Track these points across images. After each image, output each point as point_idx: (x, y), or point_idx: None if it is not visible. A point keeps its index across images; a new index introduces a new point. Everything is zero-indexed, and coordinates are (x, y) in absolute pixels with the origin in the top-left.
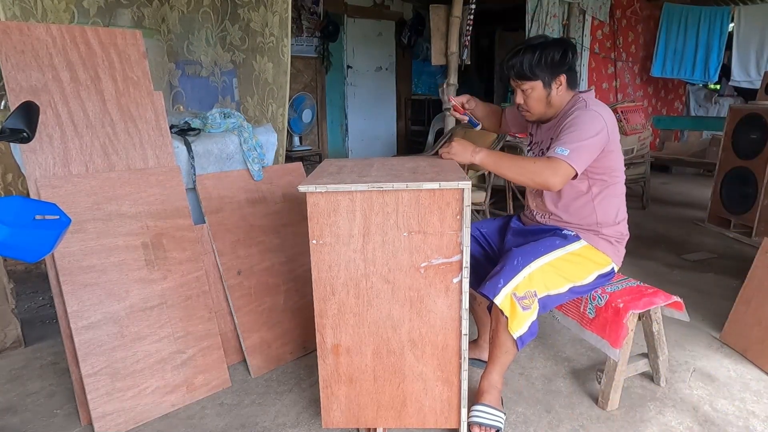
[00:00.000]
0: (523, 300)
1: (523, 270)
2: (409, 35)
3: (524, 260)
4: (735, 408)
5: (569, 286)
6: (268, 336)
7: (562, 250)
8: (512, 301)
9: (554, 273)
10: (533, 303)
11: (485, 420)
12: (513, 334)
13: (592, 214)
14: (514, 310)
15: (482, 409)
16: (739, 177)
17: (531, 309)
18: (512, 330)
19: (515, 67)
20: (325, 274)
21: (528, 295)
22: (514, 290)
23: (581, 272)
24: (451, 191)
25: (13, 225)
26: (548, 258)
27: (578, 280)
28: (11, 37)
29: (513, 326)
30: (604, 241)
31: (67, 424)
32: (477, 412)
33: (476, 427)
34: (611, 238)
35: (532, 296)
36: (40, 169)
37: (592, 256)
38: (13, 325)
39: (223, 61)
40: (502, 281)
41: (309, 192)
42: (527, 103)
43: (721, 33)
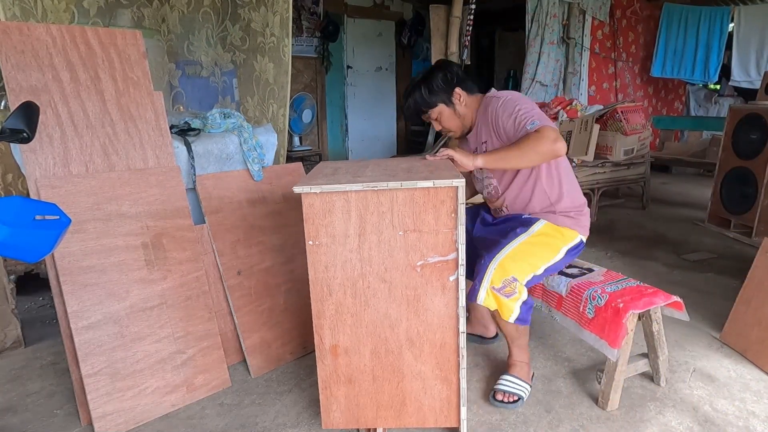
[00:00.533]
0: (504, 289)
1: (491, 264)
2: (409, 35)
3: (489, 256)
4: (735, 408)
5: (543, 266)
6: (268, 336)
7: (524, 235)
8: (493, 294)
9: (524, 257)
10: (516, 287)
11: (509, 388)
12: (508, 320)
13: (543, 196)
14: (498, 301)
15: (509, 378)
16: (739, 177)
17: (516, 293)
18: (506, 318)
19: (412, 106)
20: (321, 274)
21: (506, 283)
22: (491, 285)
23: (550, 251)
24: (446, 189)
25: (13, 225)
26: (513, 245)
27: (549, 259)
28: (11, 37)
29: (504, 314)
30: (563, 216)
31: (67, 424)
32: (503, 381)
33: (500, 393)
34: (569, 212)
35: (511, 282)
36: (40, 169)
37: (555, 233)
38: (13, 325)
39: (223, 62)
40: (477, 284)
41: (304, 193)
42: (443, 125)
43: (721, 33)
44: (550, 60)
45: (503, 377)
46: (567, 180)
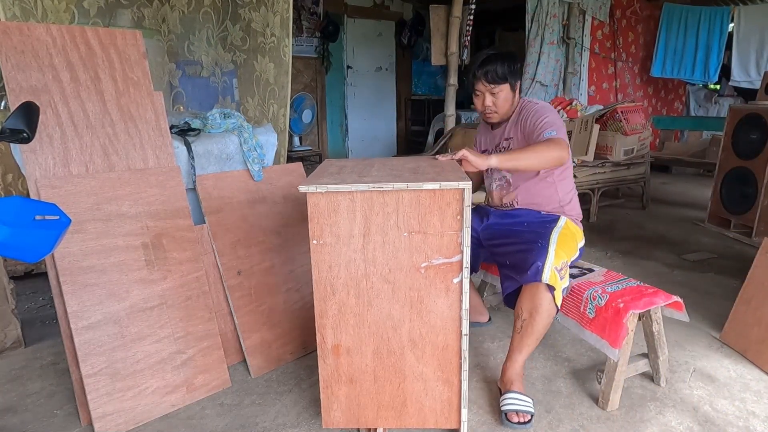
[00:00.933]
0: (561, 271)
1: (550, 246)
2: (409, 35)
3: (543, 239)
4: (735, 408)
5: (570, 258)
6: (268, 336)
7: (557, 228)
8: (555, 274)
9: (565, 245)
10: (566, 271)
11: (521, 407)
12: (557, 304)
13: (554, 195)
14: (556, 282)
15: (516, 396)
16: (739, 177)
17: (565, 277)
18: (558, 301)
19: (490, 72)
20: (325, 274)
21: (563, 265)
22: (554, 265)
23: (573, 245)
24: (452, 191)
25: (13, 225)
26: (555, 234)
27: (573, 253)
28: (11, 38)
29: (557, 295)
30: (570, 218)
31: (67, 424)
32: (511, 399)
33: (514, 414)
34: (573, 216)
35: (565, 266)
36: (40, 169)
37: (574, 231)
38: (13, 326)
39: (223, 62)
40: (539, 263)
41: (309, 192)
42: (496, 104)
43: (721, 33)
44: (550, 60)
45: (510, 396)
46: (574, 189)
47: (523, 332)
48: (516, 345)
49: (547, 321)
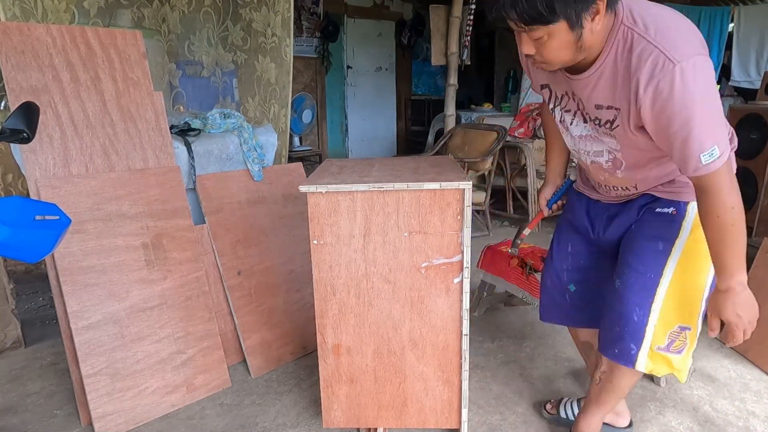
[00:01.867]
0: (672, 345)
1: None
2: (409, 35)
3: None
4: (735, 408)
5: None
6: (268, 336)
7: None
8: (659, 355)
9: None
10: (686, 337)
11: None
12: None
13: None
14: (669, 363)
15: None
16: (739, 177)
17: (687, 344)
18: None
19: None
20: (325, 274)
21: (673, 336)
22: (653, 346)
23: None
24: (452, 191)
25: (13, 225)
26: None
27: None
28: (11, 38)
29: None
30: None
31: (67, 424)
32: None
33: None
34: None
35: (678, 334)
36: (40, 169)
37: None
38: (13, 326)
39: (224, 62)
40: (633, 346)
41: (310, 192)
42: (543, 54)
43: (721, 33)
44: None
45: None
46: None
47: (603, 387)
48: (593, 397)
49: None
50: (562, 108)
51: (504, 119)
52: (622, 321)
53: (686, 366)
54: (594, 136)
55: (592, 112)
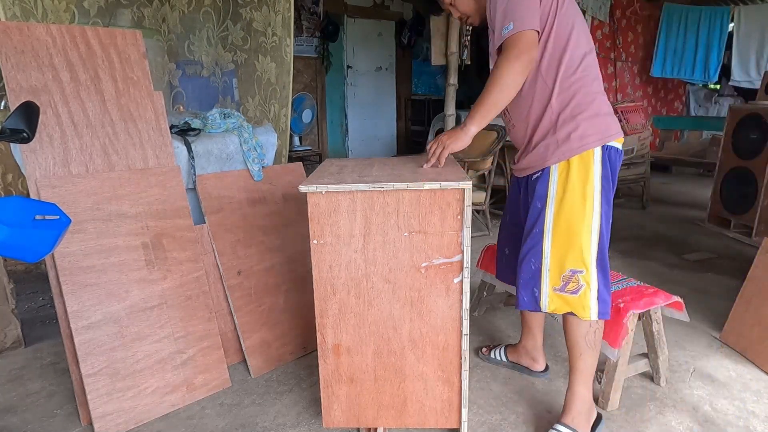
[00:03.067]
0: (566, 286)
1: (542, 266)
2: (409, 35)
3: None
4: (735, 408)
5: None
6: (268, 336)
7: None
8: (556, 296)
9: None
10: (578, 279)
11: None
12: (589, 318)
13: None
14: (566, 301)
15: (559, 428)
16: (739, 177)
17: (585, 285)
18: (585, 316)
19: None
20: (325, 274)
21: (566, 279)
22: (551, 287)
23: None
24: (452, 191)
25: (13, 225)
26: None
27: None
28: (11, 37)
29: (582, 313)
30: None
31: (67, 424)
32: None
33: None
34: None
35: (570, 276)
36: (40, 169)
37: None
38: (13, 325)
39: (224, 61)
40: (536, 290)
41: (310, 192)
42: (460, 9)
43: (721, 33)
44: None
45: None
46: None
47: (568, 350)
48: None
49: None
50: None
51: None
52: (526, 273)
53: (586, 304)
54: None
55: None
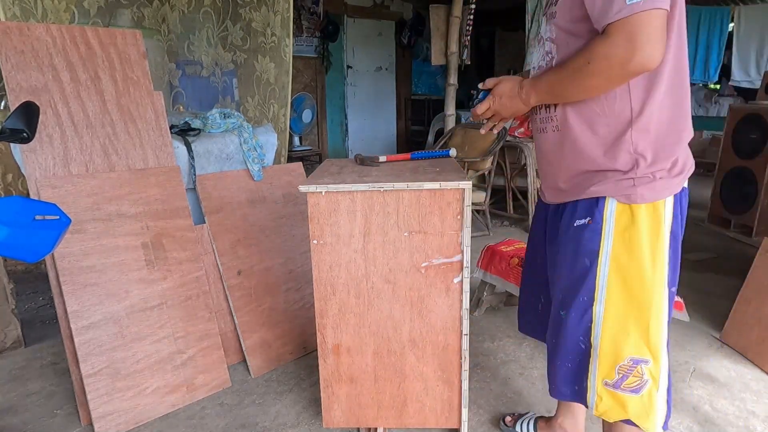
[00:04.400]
0: (624, 381)
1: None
2: (409, 35)
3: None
4: (735, 408)
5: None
6: (268, 336)
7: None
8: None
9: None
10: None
11: None
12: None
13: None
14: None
15: None
16: (739, 177)
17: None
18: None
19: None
20: (325, 274)
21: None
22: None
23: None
24: (452, 191)
25: (13, 225)
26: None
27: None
28: (11, 37)
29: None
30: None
31: (67, 424)
32: None
33: None
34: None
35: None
36: (40, 169)
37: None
38: (13, 326)
39: (223, 62)
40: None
41: (310, 192)
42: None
43: (721, 33)
44: None
45: None
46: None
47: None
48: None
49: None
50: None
51: None
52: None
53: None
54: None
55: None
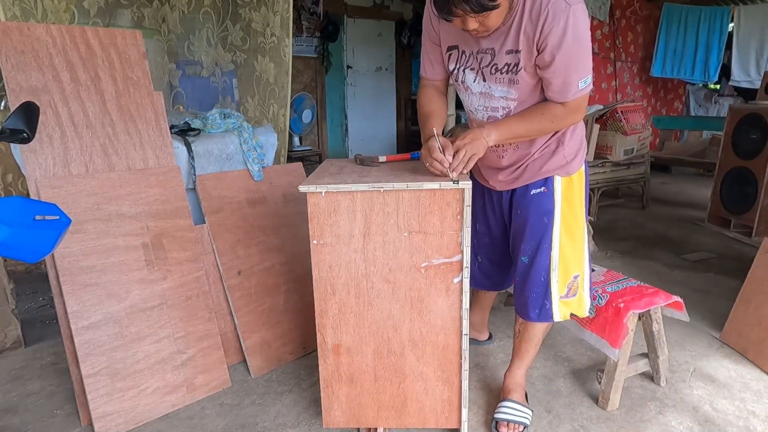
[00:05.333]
0: (569, 292)
1: (551, 279)
2: (409, 35)
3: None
4: (735, 408)
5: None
6: (268, 336)
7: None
8: (562, 303)
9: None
10: (578, 283)
11: (513, 417)
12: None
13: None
14: (569, 305)
15: (510, 405)
16: (739, 177)
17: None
18: (582, 314)
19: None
20: (325, 274)
21: (569, 285)
22: (559, 296)
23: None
24: (452, 191)
25: (13, 225)
26: (556, 243)
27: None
28: (11, 38)
29: (581, 311)
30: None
31: (67, 424)
32: (504, 408)
33: (503, 425)
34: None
35: (573, 282)
36: (40, 169)
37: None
38: (13, 326)
39: (223, 62)
40: (546, 302)
41: (310, 192)
42: (486, 24)
43: (721, 33)
44: None
45: (504, 405)
46: None
47: (521, 338)
48: (515, 351)
49: (532, 343)
50: (467, 67)
51: None
52: (536, 287)
53: (583, 303)
54: (488, 93)
55: (501, 60)
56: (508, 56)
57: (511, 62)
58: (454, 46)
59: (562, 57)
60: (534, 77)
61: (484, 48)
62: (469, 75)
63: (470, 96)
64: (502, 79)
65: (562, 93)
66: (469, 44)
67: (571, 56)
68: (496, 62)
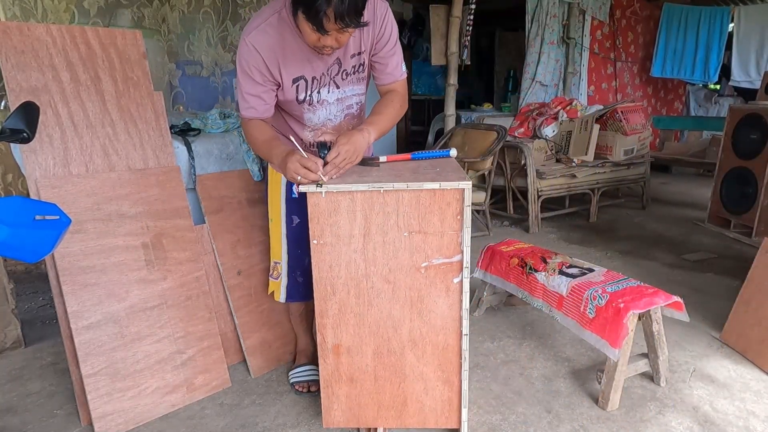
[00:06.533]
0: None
1: None
2: (409, 35)
3: None
4: (735, 408)
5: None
6: (268, 336)
7: None
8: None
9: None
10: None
11: (303, 378)
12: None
13: None
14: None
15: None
16: (739, 177)
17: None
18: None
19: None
20: (325, 273)
21: (272, 269)
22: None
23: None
24: (452, 191)
25: (13, 225)
26: None
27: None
28: (11, 37)
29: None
30: None
31: (67, 424)
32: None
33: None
34: None
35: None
36: (40, 169)
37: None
38: (13, 326)
39: (223, 62)
40: None
41: (310, 192)
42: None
43: (721, 33)
44: (550, 60)
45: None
46: None
47: None
48: None
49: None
50: (320, 88)
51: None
52: None
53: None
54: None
55: (348, 65)
56: (353, 59)
57: (356, 63)
58: (299, 77)
59: (392, 41)
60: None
61: (330, 62)
62: (324, 91)
63: (326, 107)
64: (353, 80)
65: (399, 69)
66: (315, 68)
67: (396, 40)
68: (344, 68)
